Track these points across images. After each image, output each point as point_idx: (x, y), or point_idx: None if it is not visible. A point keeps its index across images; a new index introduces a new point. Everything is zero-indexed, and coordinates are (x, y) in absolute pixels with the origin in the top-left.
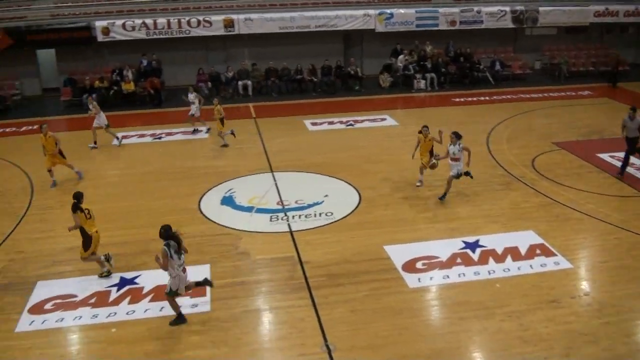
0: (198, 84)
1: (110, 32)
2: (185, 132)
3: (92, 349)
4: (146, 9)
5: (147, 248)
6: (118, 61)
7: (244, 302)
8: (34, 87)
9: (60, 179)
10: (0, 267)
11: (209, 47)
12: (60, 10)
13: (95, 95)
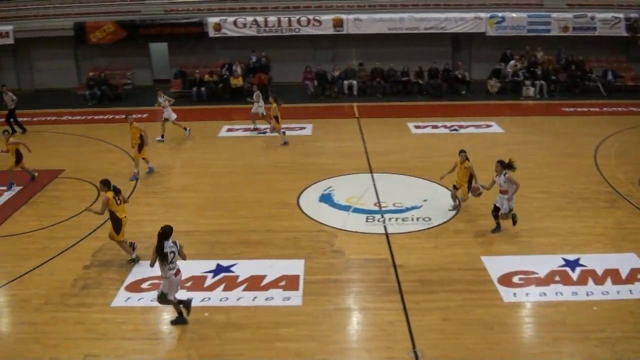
0: (304, 81)
1: (222, 28)
2: (289, 128)
3: (184, 329)
4: (258, 7)
5: (245, 238)
6: (228, 56)
7: (335, 300)
8: (145, 78)
9: (166, 165)
10: (102, 244)
11: (317, 45)
12: (174, 6)
13: (161, 92)
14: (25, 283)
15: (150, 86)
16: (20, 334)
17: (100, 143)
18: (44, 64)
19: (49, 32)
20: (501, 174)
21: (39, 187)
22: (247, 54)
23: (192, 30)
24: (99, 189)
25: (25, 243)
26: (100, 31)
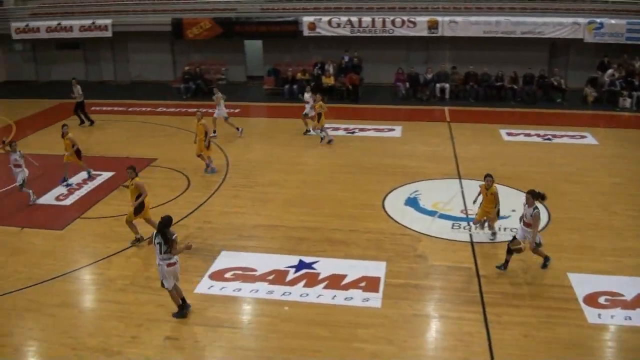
0: (396, 83)
1: (316, 27)
2: (378, 129)
3: (262, 321)
4: (353, 7)
5: (328, 236)
6: (321, 55)
7: (415, 306)
8: (239, 74)
9: (256, 160)
10: (189, 232)
11: (411, 47)
12: (270, 5)
13: (217, 89)
14: (112, 264)
15: (244, 82)
16: (104, 311)
17: (193, 135)
18: (140, 57)
19: (146, 27)
20: (531, 206)
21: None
22: (339, 54)
23: (287, 29)
24: (129, 175)
25: (114, 226)
26: (197, 27)
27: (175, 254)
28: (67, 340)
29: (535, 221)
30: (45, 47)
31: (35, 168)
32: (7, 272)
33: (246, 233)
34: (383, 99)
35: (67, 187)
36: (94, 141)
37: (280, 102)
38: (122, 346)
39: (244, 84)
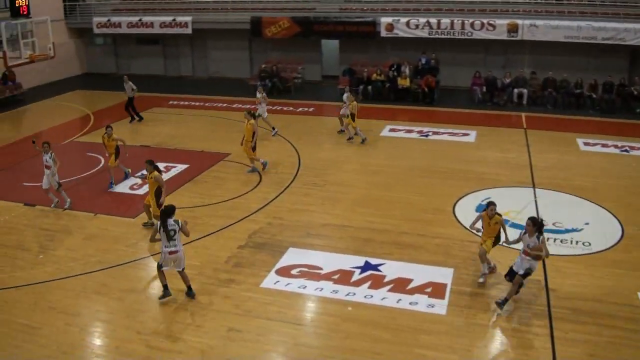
0: (473, 87)
1: (394, 28)
2: (452, 133)
3: (325, 320)
4: (432, 8)
5: (396, 239)
6: (397, 57)
7: (480, 315)
8: (315, 73)
9: (328, 159)
10: (258, 227)
11: (489, 50)
12: (349, 5)
13: (261, 88)
14: None
15: (319, 81)
16: (170, 299)
17: (267, 132)
18: (219, 53)
19: (226, 25)
20: (533, 234)
21: (206, 167)
22: (416, 55)
23: (365, 29)
24: (147, 169)
25: (186, 217)
26: (276, 26)
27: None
28: (133, 324)
29: (544, 247)
30: (125, 41)
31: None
32: (79, 255)
33: (314, 231)
34: (459, 102)
35: (142, 178)
36: (169, 134)
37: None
38: (186, 333)
39: (319, 83)
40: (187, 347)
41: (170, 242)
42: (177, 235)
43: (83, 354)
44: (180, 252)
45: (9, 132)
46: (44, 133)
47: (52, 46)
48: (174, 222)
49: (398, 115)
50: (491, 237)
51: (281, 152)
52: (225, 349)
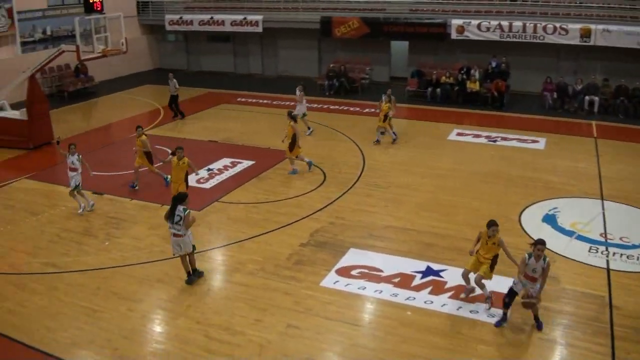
0: (543, 92)
1: (464, 30)
2: (521, 139)
3: (383, 323)
4: (504, 11)
5: (459, 245)
6: (467, 59)
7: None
8: (382, 74)
9: (393, 161)
10: (320, 226)
11: (561, 55)
12: (419, 6)
13: (301, 86)
14: (244, 248)
15: (387, 82)
16: (231, 292)
17: (333, 132)
18: (288, 52)
19: (296, 24)
20: (540, 258)
21: (272, 164)
22: (485, 59)
23: (435, 31)
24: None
25: (250, 212)
26: (345, 26)
27: (187, 227)
28: (193, 314)
29: (547, 272)
30: (196, 38)
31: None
32: (144, 244)
33: (376, 233)
34: (529, 108)
35: (209, 172)
36: (237, 130)
37: (422, 104)
38: (245, 327)
39: (387, 85)
40: (246, 341)
41: (175, 227)
42: (182, 221)
43: (142, 339)
44: (186, 236)
45: (80, 122)
46: (113, 125)
47: (124, 41)
48: (182, 210)
49: (466, 119)
50: (488, 260)
51: (346, 153)
52: (282, 345)
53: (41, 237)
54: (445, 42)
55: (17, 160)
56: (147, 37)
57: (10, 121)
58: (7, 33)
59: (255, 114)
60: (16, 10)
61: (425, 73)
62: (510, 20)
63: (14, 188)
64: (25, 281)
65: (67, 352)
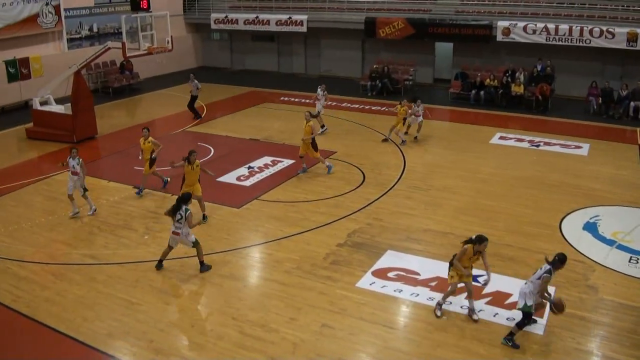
0: (588, 97)
1: (510, 32)
2: (564, 145)
3: (418, 327)
4: (550, 13)
5: (498, 251)
6: (512, 62)
7: (578, 339)
8: (426, 76)
9: (434, 164)
10: (358, 227)
11: (607, 59)
12: (465, 7)
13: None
14: (282, 246)
15: (430, 84)
16: (267, 289)
17: (374, 133)
18: (331, 52)
19: (340, 24)
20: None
21: (312, 163)
22: (529, 62)
23: (480, 33)
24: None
25: (289, 211)
26: (390, 27)
27: (190, 226)
28: (229, 310)
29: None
30: (241, 37)
31: (222, 148)
32: None
33: (414, 235)
34: (573, 113)
35: (249, 170)
36: (278, 129)
37: (465, 107)
38: (280, 325)
39: (430, 86)
40: (280, 338)
41: (176, 224)
42: (182, 220)
43: (178, 332)
44: (182, 235)
45: (124, 118)
46: (157, 121)
47: (170, 39)
48: (185, 210)
49: (509, 122)
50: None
51: (386, 154)
52: (316, 344)
53: (81, 229)
54: (490, 44)
55: (61, 154)
56: (192, 36)
57: (56, 115)
58: (54, 30)
59: (297, 113)
60: (63, 8)
61: (469, 75)
62: (557, 23)
63: (56, 180)
64: (64, 271)
65: (103, 342)
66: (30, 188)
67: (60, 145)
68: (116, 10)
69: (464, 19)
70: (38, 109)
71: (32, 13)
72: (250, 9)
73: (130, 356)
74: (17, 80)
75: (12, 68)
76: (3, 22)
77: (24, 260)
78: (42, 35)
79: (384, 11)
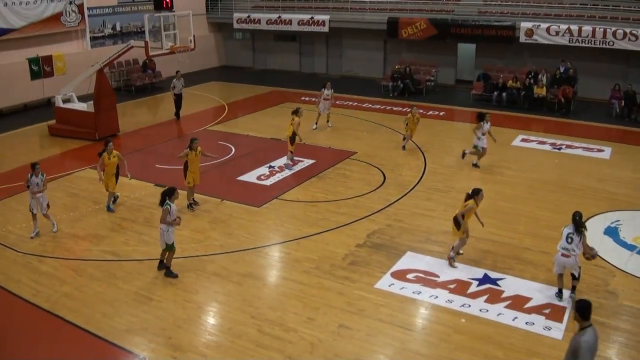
0: (611, 100)
1: (533, 34)
2: (586, 148)
3: (436, 329)
4: (573, 14)
5: (518, 255)
6: (534, 64)
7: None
8: (448, 77)
9: (454, 165)
10: (377, 228)
11: (630, 62)
12: (488, 8)
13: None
14: (301, 246)
15: (452, 85)
16: (285, 288)
17: (395, 133)
18: (353, 52)
19: (362, 24)
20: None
21: (332, 163)
22: (552, 63)
23: (503, 34)
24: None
25: (309, 210)
26: (412, 27)
27: (161, 221)
28: (248, 309)
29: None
30: (263, 37)
31: (243, 147)
32: (203, 237)
33: (434, 237)
34: (595, 115)
35: (270, 169)
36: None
37: (487, 108)
38: (298, 324)
39: (452, 87)
40: (298, 338)
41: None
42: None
43: (197, 330)
44: (162, 231)
45: (146, 116)
46: (180, 120)
47: (192, 39)
48: (166, 204)
49: (531, 125)
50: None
51: (407, 155)
52: (334, 344)
53: (102, 226)
54: (513, 45)
55: (83, 151)
56: (214, 35)
57: (78, 113)
58: (77, 28)
59: (316, 113)
60: (87, 7)
61: (492, 76)
62: (580, 25)
63: (78, 177)
64: (84, 267)
65: (121, 337)
66: (51, 184)
67: (82, 143)
68: (139, 10)
69: (487, 20)
70: (60, 106)
71: (56, 12)
72: (272, 8)
73: (149, 352)
74: (40, 77)
75: (35, 66)
76: (26, 20)
77: (44, 255)
78: (65, 33)
79: (406, 11)
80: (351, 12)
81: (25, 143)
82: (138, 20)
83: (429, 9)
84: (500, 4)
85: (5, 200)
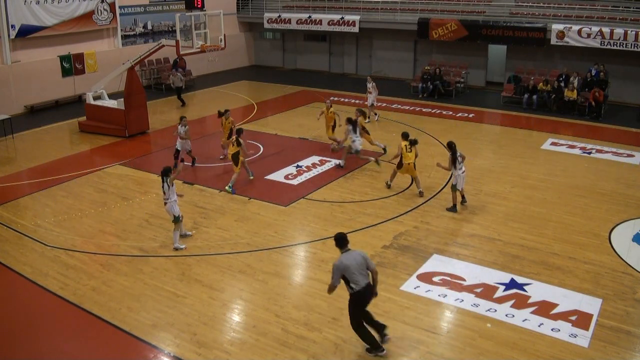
0: None
1: (565, 36)
2: (616, 153)
3: (461, 333)
4: (605, 17)
5: (545, 260)
6: (565, 66)
7: (623, 354)
8: (478, 78)
9: (483, 168)
10: (404, 229)
11: None
12: (520, 9)
13: (373, 83)
14: (327, 246)
15: (482, 87)
16: (311, 288)
17: (424, 135)
18: (383, 53)
19: (393, 25)
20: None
21: (359, 164)
22: (582, 66)
23: (534, 36)
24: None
25: (335, 211)
26: (443, 28)
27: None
28: (273, 307)
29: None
30: (293, 37)
31: (271, 146)
32: (229, 235)
33: (461, 240)
34: (626, 120)
35: (297, 168)
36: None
37: (517, 111)
38: (322, 324)
39: (482, 89)
40: (322, 338)
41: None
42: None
43: (222, 327)
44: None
45: (175, 114)
46: (207, 118)
47: (223, 38)
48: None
49: (561, 128)
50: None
51: (436, 156)
52: (358, 345)
53: (130, 221)
54: (544, 47)
55: (113, 147)
56: (245, 34)
57: (109, 110)
58: (109, 26)
59: (347, 113)
60: (118, 5)
61: (522, 79)
62: (612, 27)
63: (107, 173)
64: (111, 262)
65: (146, 332)
66: (80, 180)
67: (112, 139)
68: (170, 9)
69: (518, 22)
70: (91, 103)
71: (88, 10)
72: (303, 8)
73: (174, 347)
74: (71, 75)
75: (66, 63)
76: (59, 18)
77: (73, 249)
78: (96, 31)
79: (437, 12)
80: (382, 12)
81: (56, 139)
82: (169, 19)
83: (459, 10)
84: (532, 5)
85: (34, 194)
